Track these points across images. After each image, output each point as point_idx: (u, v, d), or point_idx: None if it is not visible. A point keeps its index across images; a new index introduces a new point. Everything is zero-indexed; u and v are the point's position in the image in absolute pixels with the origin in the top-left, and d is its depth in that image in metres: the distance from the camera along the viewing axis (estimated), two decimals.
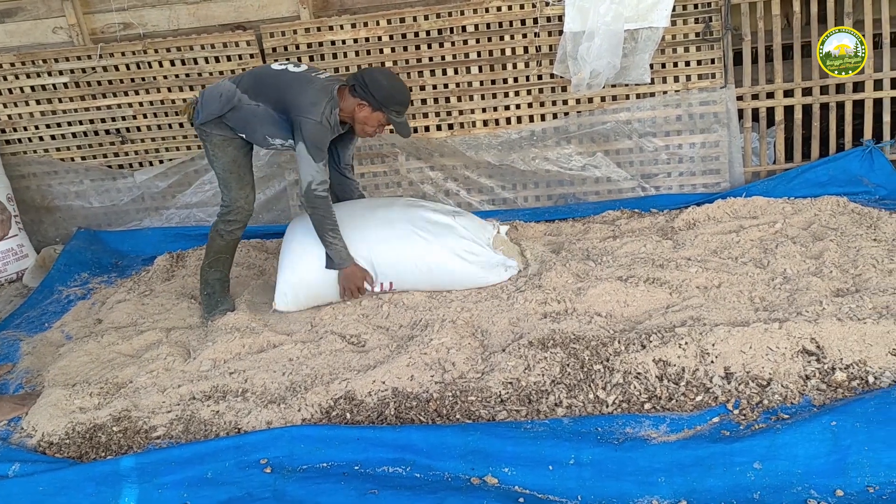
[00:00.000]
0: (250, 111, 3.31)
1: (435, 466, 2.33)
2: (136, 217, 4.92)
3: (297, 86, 3.28)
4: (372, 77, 3.27)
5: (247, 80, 3.38)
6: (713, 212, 4.07)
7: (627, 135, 4.55)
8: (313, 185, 3.26)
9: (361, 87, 3.26)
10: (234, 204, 3.49)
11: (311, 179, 3.26)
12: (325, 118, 3.23)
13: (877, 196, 4.21)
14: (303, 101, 3.23)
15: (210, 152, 3.45)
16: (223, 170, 3.46)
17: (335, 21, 4.50)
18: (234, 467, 2.42)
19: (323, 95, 3.25)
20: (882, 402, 2.25)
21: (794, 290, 3.06)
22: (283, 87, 3.30)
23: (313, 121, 3.20)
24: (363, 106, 3.29)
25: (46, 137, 4.81)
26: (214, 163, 3.47)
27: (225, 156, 3.43)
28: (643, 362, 2.61)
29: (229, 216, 3.51)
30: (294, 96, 3.25)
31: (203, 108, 3.37)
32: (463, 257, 3.43)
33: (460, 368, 2.79)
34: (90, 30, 4.70)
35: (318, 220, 3.34)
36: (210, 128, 3.38)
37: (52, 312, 3.93)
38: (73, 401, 2.91)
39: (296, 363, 3.03)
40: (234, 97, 3.32)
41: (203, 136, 3.44)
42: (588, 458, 2.26)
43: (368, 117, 3.32)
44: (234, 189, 3.48)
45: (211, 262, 3.62)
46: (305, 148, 3.23)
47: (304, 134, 3.21)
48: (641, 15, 4.28)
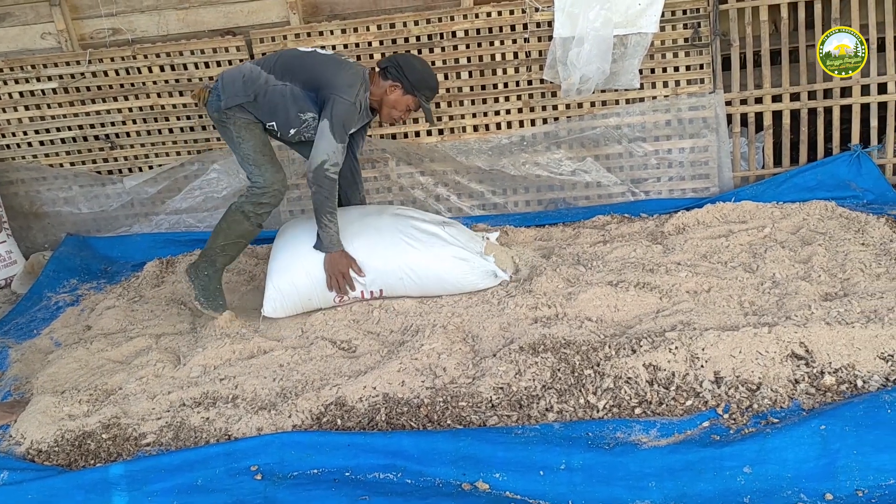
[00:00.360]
0: (279, 93, 3.28)
1: (426, 472, 2.33)
2: (125, 223, 4.90)
3: (332, 66, 3.30)
4: (406, 60, 3.36)
5: (272, 61, 3.35)
6: (703, 216, 4.08)
7: (617, 140, 4.57)
8: (327, 164, 3.23)
9: (395, 68, 3.32)
10: (271, 186, 3.37)
11: (326, 158, 3.22)
12: (359, 100, 3.24)
13: (864, 200, 4.23)
14: (339, 80, 3.23)
15: (235, 134, 3.35)
16: (254, 150, 3.35)
17: (325, 26, 4.50)
18: (224, 474, 2.41)
19: (357, 78, 3.27)
20: (870, 406, 2.26)
21: (783, 294, 3.08)
22: (316, 66, 3.30)
23: (347, 101, 3.20)
24: (395, 88, 3.35)
25: (35, 143, 4.79)
26: (242, 144, 3.36)
27: (252, 137, 3.35)
28: (633, 367, 2.62)
29: (263, 198, 3.38)
30: (330, 75, 3.25)
31: (224, 92, 3.31)
32: (453, 264, 3.43)
33: (451, 374, 2.79)
34: (79, 35, 4.69)
35: (320, 201, 3.29)
36: (232, 111, 3.31)
37: (40, 319, 3.91)
38: (62, 408, 2.90)
39: (286, 369, 3.03)
40: (261, 79, 3.29)
41: (223, 120, 3.35)
42: (579, 463, 2.26)
43: (398, 100, 3.37)
44: (268, 170, 3.37)
45: (225, 244, 3.47)
46: (331, 125, 3.20)
47: (335, 111, 3.20)
48: (630, 20, 4.29)
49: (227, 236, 3.45)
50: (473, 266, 3.46)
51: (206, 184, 4.76)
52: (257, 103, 3.30)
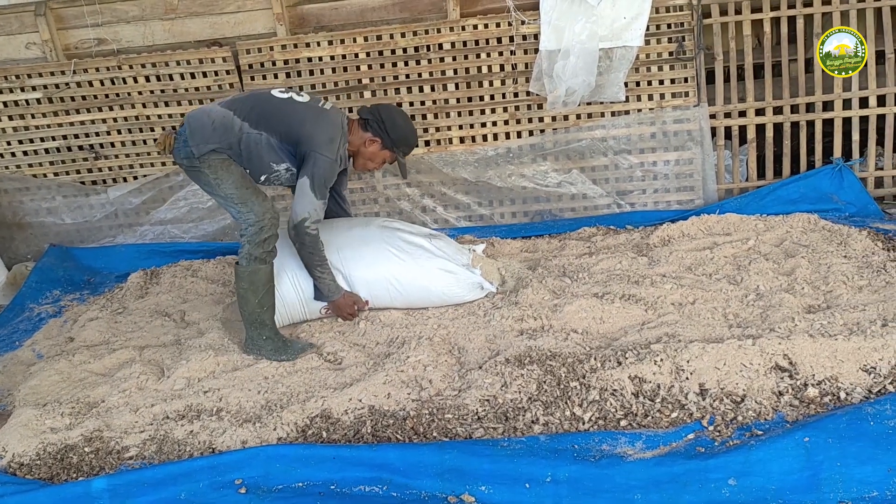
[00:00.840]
0: (254, 141, 3.15)
1: (412, 485, 2.32)
2: (109, 234, 4.87)
3: (311, 119, 3.18)
4: (389, 115, 3.30)
5: (245, 106, 3.19)
6: (687, 228, 4.11)
7: (603, 152, 4.59)
8: (307, 222, 3.17)
9: (378, 123, 3.28)
10: (263, 217, 3.16)
11: (306, 216, 3.16)
12: (340, 156, 3.20)
13: (846, 213, 4.27)
14: (319, 136, 3.15)
15: (212, 177, 3.15)
16: (235, 187, 3.16)
17: (312, 38, 4.50)
18: (208, 488, 2.39)
19: (337, 131, 3.20)
20: (853, 418, 2.28)
21: (766, 306, 3.10)
22: (294, 118, 3.17)
23: (329, 159, 3.15)
24: (374, 142, 3.32)
25: (18, 153, 4.75)
26: (221, 185, 3.16)
27: (230, 175, 3.16)
28: (619, 379, 2.62)
29: (262, 234, 3.16)
30: (310, 130, 3.16)
31: (193, 139, 3.11)
32: (439, 276, 3.43)
33: (437, 386, 2.79)
34: (64, 45, 4.66)
35: (306, 256, 3.29)
36: (206, 156, 3.12)
37: (22, 331, 3.88)
38: (44, 421, 2.87)
39: (271, 381, 3.02)
40: (234, 126, 3.14)
41: (196, 166, 3.16)
42: (565, 475, 2.26)
43: (375, 154, 3.35)
44: (255, 203, 3.16)
45: (261, 298, 3.22)
46: (311, 184, 3.14)
47: (315, 170, 3.14)
48: (616, 34, 4.33)
49: (257, 291, 3.21)
50: (460, 278, 3.46)
51: (192, 194, 4.74)
52: (232, 151, 3.16)
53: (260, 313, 3.24)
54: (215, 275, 4.21)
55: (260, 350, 3.25)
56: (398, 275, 3.40)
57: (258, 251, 3.18)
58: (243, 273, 3.20)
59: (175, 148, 3.20)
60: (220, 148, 3.14)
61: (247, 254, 3.18)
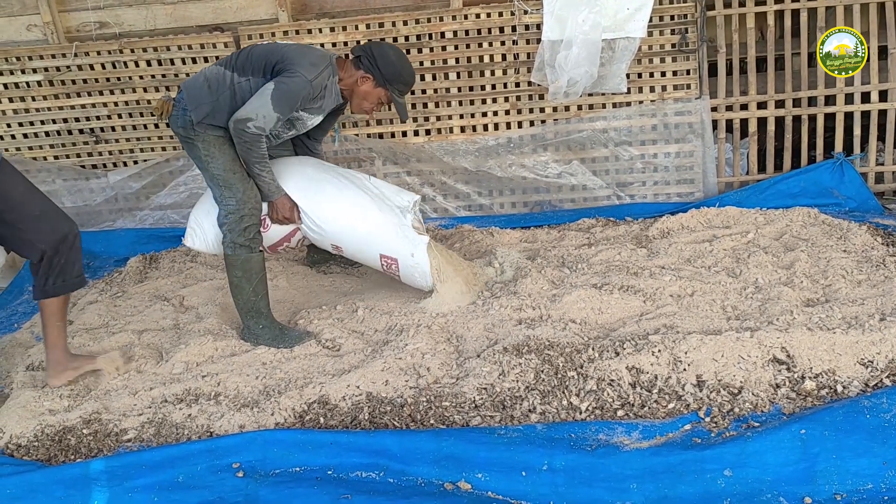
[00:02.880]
0: (244, 89, 3.05)
1: (408, 471, 2.33)
2: (108, 218, 4.86)
3: (295, 49, 3.09)
4: (381, 51, 3.15)
5: (233, 58, 3.13)
6: (687, 221, 4.11)
7: (603, 143, 4.59)
8: (250, 123, 2.95)
9: (369, 58, 3.13)
10: (245, 205, 3.09)
11: (252, 118, 2.95)
12: (319, 81, 3.03)
13: (847, 208, 4.28)
14: (302, 58, 3.02)
15: (203, 152, 3.09)
16: (223, 169, 3.09)
17: (314, 24, 4.49)
18: (206, 471, 2.40)
19: (322, 60, 3.07)
20: (850, 411, 2.29)
21: (765, 299, 3.10)
22: (277, 52, 3.06)
23: (304, 77, 2.97)
24: (367, 79, 3.17)
25: (19, 136, 4.74)
26: (210, 163, 3.09)
27: (222, 154, 3.08)
28: (616, 369, 2.63)
29: (243, 223, 3.11)
30: (292, 54, 3.03)
31: (191, 103, 3.05)
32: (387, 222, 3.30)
33: (435, 374, 2.80)
34: (65, 28, 4.65)
35: (244, 152, 3.05)
36: (203, 127, 3.05)
37: (21, 313, 3.88)
38: (42, 403, 2.87)
39: (269, 367, 3.02)
40: (226, 79, 3.07)
41: (191, 136, 3.10)
42: (561, 464, 2.27)
43: (369, 92, 3.20)
44: (239, 189, 3.09)
45: (255, 286, 3.18)
46: (274, 90, 2.95)
47: (285, 79, 2.97)
48: (619, 25, 4.32)
49: (250, 279, 3.18)
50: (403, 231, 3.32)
51: (191, 179, 4.73)
52: (225, 106, 3.05)
53: (255, 301, 3.22)
54: (214, 260, 4.20)
55: (258, 339, 3.24)
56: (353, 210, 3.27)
57: (241, 239, 3.13)
58: (236, 261, 3.16)
59: (172, 115, 3.13)
60: (218, 112, 3.06)
61: (230, 242, 3.14)
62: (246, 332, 3.28)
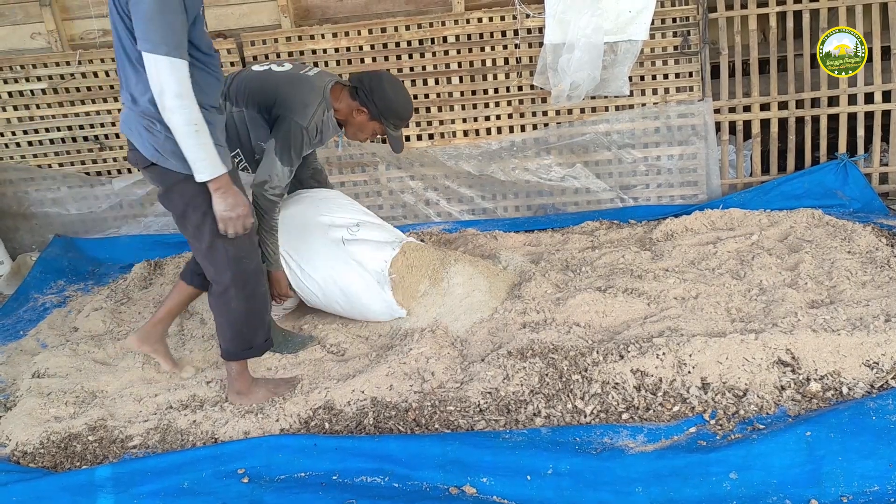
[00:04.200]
0: (238, 119, 3.08)
1: (413, 476, 2.33)
2: (113, 224, 4.88)
3: (286, 84, 3.04)
4: (379, 83, 3.07)
5: (226, 86, 3.08)
6: (691, 223, 4.10)
7: (606, 146, 4.59)
8: (267, 186, 2.96)
9: (365, 91, 3.07)
10: None
11: (267, 180, 2.96)
12: (315, 124, 3.02)
13: (851, 209, 4.27)
14: (293, 100, 2.98)
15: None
16: None
17: (316, 30, 4.50)
18: (211, 477, 2.40)
19: (316, 96, 3.02)
20: (856, 413, 2.28)
21: (769, 301, 3.10)
22: (270, 86, 3.04)
23: (298, 124, 2.95)
24: (361, 112, 3.12)
25: (24, 143, 4.76)
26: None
27: None
28: (621, 372, 2.63)
29: None
30: (285, 94, 3.00)
31: None
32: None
33: (439, 378, 2.80)
34: (69, 36, 4.67)
35: (256, 217, 3.01)
36: None
37: (27, 320, 3.89)
38: (47, 410, 2.88)
39: (274, 372, 3.02)
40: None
41: None
42: (566, 467, 2.27)
43: (364, 124, 3.16)
44: None
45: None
46: (276, 146, 2.96)
47: (282, 132, 2.96)
48: (621, 28, 4.32)
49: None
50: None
51: None
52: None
53: None
54: None
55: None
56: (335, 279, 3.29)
57: None
58: None
59: None
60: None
61: None
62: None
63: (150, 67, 2.27)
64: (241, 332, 2.72)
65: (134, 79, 2.38)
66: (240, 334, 2.73)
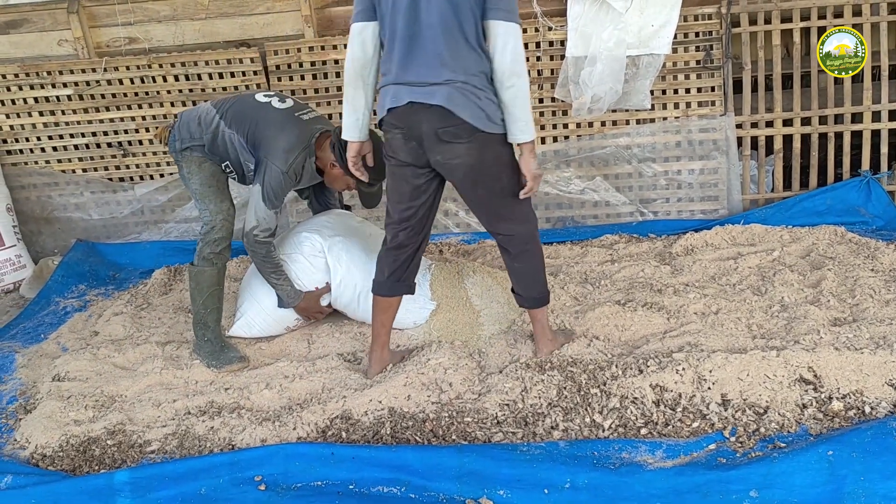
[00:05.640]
0: (227, 138, 3.20)
1: (430, 487, 2.32)
2: (135, 230, 4.92)
3: (275, 126, 3.16)
4: None
5: (226, 106, 3.27)
6: (711, 238, 4.08)
7: (627, 160, 4.57)
8: (256, 230, 3.16)
9: (339, 149, 3.13)
10: (216, 218, 3.23)
11: (255, 224, 3.16)
12: (293, 169, 3.14)
13: (874, 227, 4.23)
14: (277, 144, 3.12)
15: (185, 170, 3.28)
16: (200, 184, 3.25)
17: (339, 40, 4.53)
18: (228, 484, 2.41)
19: (299, 144, 3.15)
20: (878, 433, 2.25)
21: (791, 318, 3.07)
22: (261, 123, 3.18)
23: (279, 169, 3.10)
24: (335, 166, 3.22)
25: (48, 148, 4.81)
26: (191, 180, 3.27)
27: (200, 172, 3.25)
28: (640, 387, 2.61)
29: (212, 234, 3.22)
30: (270, 137, 3.14)
31: (180, 133, 3.24)
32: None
33: (457, 389, 2.79)
34: (95, 43, 4.72)
35: (259, 263, 3.29)
36: (188, 151, 3.24)
37: (48, 324, 3.92)
38: (67, 413, 2.90)
39: (291, 380, 3.03)
40: (213, 123, 3.21)
41: (179, 160, 3.30)
42: (584, 482, 2.25)
43: (338, 178, 3.28)
44: (212, 203, 3.24)
45: (205, 300, 3.27)
46: (261, 191, 3.13)
47: (265, 178, 3.12)
48: (643, 42, 4.31)
49: (202, 292, 3.27)
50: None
51: None
52: (208, 146, 3.22)
53: (204, 315, 3.29)
54: (238, 272, 4.23)
55: (199, 351, 3.30)
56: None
57: (206, 251, 3.24)
58: (191, 272, 3.28)
59: (169, 140, 3.31)
60: (198, 145, 3.22)
61: (198, 252, 3.26)
62: (194, 348, 3.35)
63: (504, 35, 2.53)
64: (544, 278, 2.98)
65: (469, 58, 2.59)
66: (544, 281, 2.98)
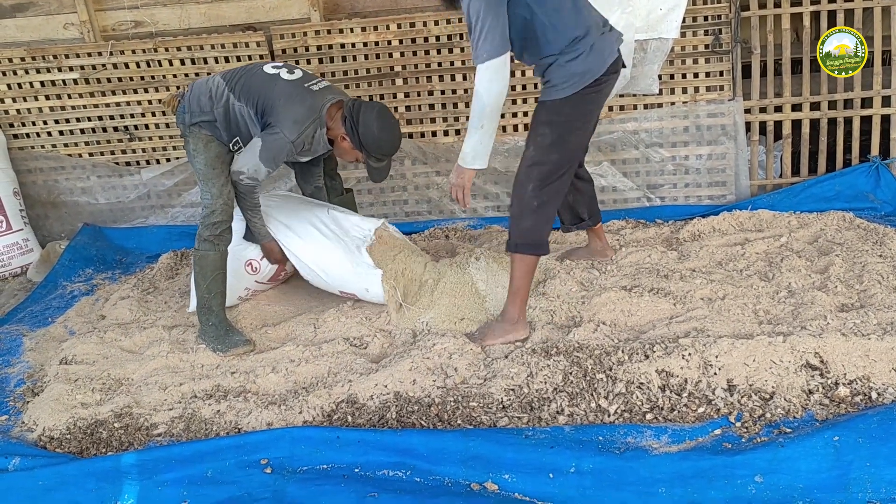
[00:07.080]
0: (238, 112, 3.18)
1: (435, 471, 2.33)
2: (141, 214, 4.93)
3: (286, 97, 3.14)
4: (366, 115, 3.12)
5: (235, 78, 3.24)
6: (718, 224, 4.07)
7: (634, 145, 4.55)
8: (242, 176, 3.18)
9: (351, 123, 3.13)
10: (216, 202, 3.21)
11: (244, 171, 3.17)
12: (302, 139, 3.13)
13: (882, 212, 4.20)
14: (287, 114, 3.11)
15: (191, 146, 3.25)
16: (204, 165, 3.22)
17: (345, 24, 4.51)
18: (234, 467, 2.42)
19: (309, 115, 3.13)
20: (885, 419, 2.25)
21: (798, 304, 3.06)
22: (272, 94, 3.16)
23: (285, 137, 3.09)
24: (345, 139, 3.20)
25: (54, 133, 4.82)
26: (196, 158, 3.24)
27: (207, 151, 3.22)
28: (646, 372, 2.61)
29: (213, 217, 3.21)
30: (281, 107, 3.12)
31: (190, 106, 3.23)
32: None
33: (462, 374, 2.79)
34: (101, 27, 4.72)
35: (238, 197, 3.29)
36: (197, 127, 3.23)
37: (55, 307, 3.94)
38: (74, 396, 2.92)
39: (297, 364, 3.03)
40: (224, 97, 3.19)
41: (186, 134, 3.27)
42: (589, 466, 2.26)
43: (347, 150, 3.26)
44: (214, 185, 3.21)
45: (209, 284, 3.26)
46: (260, 146, 3.12)
47: (268, 139, 3.11)
48: (651, 25, 4.28)
49: (205, 276, 3.26)
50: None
51: None
52: (220, 121, 3.21)
53: (208, 298, 3.29)
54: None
55: (204, 335, 3.29)
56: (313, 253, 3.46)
57: (206, 233, 3.24)
58: (195, 257, 3.28)
59: (178, 111, 3.30)
60: (207, 120, 3.21)
61: (198, 235, 3.27)
62: (199, 333, 3.35)
63: None
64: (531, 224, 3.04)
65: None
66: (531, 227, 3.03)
